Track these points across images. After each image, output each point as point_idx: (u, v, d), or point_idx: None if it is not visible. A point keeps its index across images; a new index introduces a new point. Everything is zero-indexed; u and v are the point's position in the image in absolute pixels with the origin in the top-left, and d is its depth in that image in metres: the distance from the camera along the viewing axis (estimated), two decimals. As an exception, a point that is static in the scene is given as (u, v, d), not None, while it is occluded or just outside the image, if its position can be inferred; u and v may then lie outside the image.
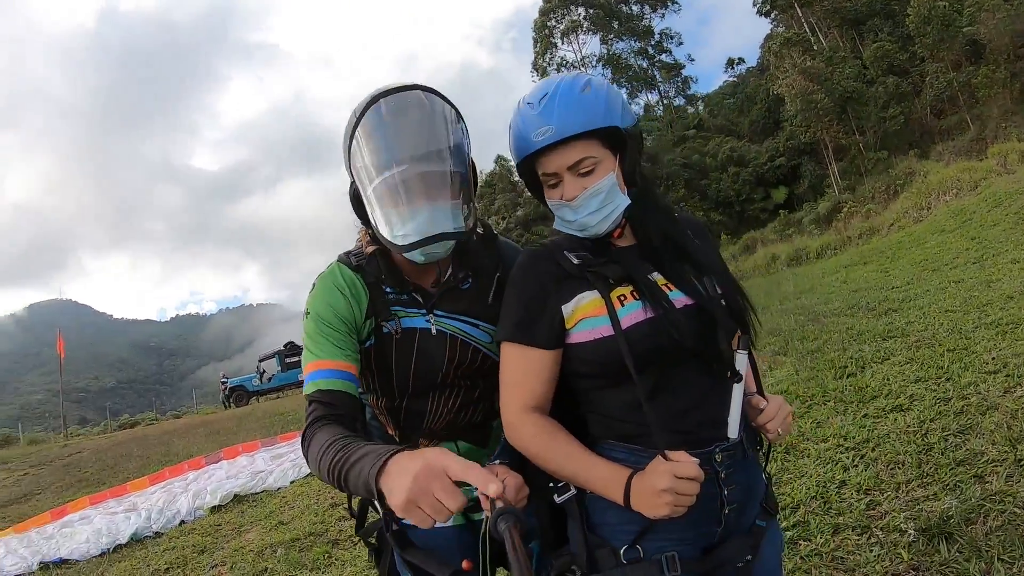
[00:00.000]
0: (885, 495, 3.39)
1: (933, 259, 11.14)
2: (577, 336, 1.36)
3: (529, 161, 1.39)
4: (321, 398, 1.41)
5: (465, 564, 1.29)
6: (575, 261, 1.39)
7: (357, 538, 4.98)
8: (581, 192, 1.34)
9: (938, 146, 31.65)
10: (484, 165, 58.49)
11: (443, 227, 1.38)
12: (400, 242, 1.39)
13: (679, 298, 1.34)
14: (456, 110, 1.47)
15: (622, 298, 1.33)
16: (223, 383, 33.52)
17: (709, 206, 39.77)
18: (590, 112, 1.32)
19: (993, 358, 4.84)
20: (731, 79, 55.52)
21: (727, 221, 39.21)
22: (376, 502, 1.34)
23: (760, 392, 1.46)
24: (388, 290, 1.56)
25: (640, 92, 52.67)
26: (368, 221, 1.50)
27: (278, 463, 8.57)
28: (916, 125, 35.09)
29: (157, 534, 6.65)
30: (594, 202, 1.34)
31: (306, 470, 7.91)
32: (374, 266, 1.56)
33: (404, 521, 1.51)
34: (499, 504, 0.96)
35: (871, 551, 2.91)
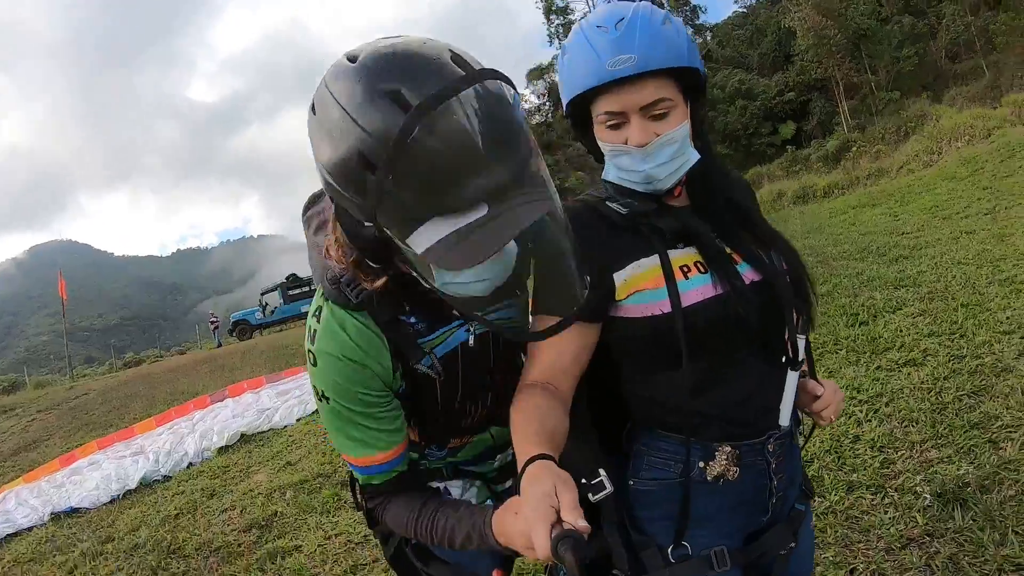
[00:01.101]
0: (899, 453, 3.42)
1: (944, 206, 11.01)
2: (628, 309, 1.20)
3: (585, 95, 1.19)
4: (382, 488, 1.29)
5: (496, 574, 1.25)
6: (622, 211, 1.23)
7: None
8: (653, 138, 1.16)
9: (951, 90, 31.08)
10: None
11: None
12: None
13: (746, 272, 1.22)
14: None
15: (685, 269, 1.19)
16: (212, 321, 33.82)
17: (716, 139, 39.30)
18: (674, 48, 1.14)
19: (1008, 317, 4.82)
20: (741, 10, 54.30)
21: (733, 155, 38.84)
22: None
23: (813, 375, 1.37)
24: (412, 320, 1.24)
25: (647, 19, 51.58)
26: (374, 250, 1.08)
27: (283, 400, 8.61)
28: (930, 67, 34.49)
29: (166, 477, 6.70)
30: (667, 151, 1.17)
31: (311, 406, 7.98)
32: (389, 301, 1.19)
33: None
34: (558, 528, 0.91)
35: (886, 512, 2.94)
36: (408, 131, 0.84)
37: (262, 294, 34.83)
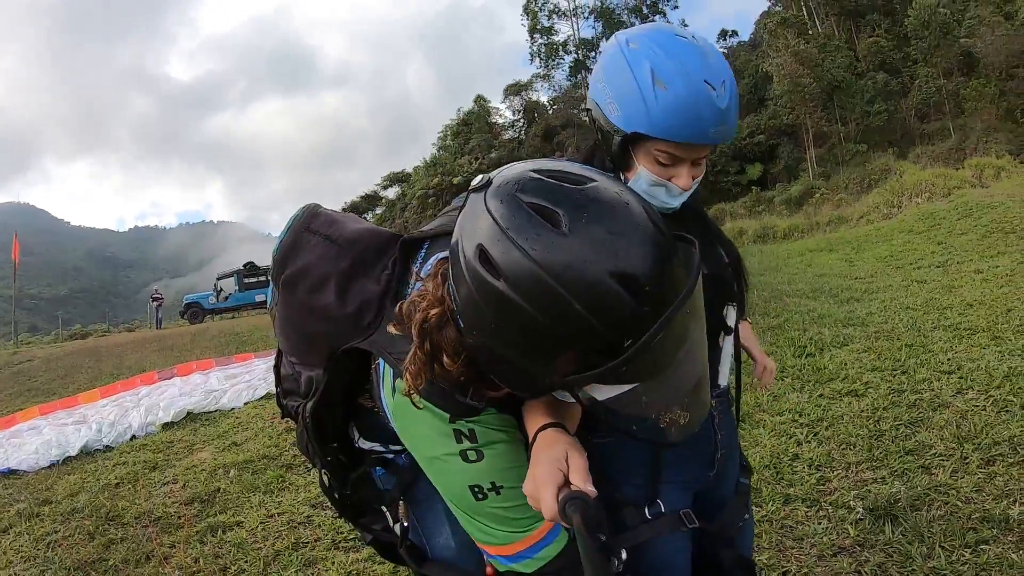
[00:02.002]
0: (835, 472, 3.55)
1: (898, 256, 11.41)
2: None
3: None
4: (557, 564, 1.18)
5: (489, 571, 1.25)
6: None
7: (311, 464, 5.05)
8: (691, 182, 1.29)
9: (917, 148, 32.11)
10: (465, 103, 57.23)
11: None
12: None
13: None
14: None
15: None
16: (155, 298, 32.99)
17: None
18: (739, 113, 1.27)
19: (949, 359, 5.02)
20: (722, 50, 55.21)
21: (699, 189, 39.28)
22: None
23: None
24: None
25: (630, 51, 52.10)
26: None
27: (232, 383, 8.50)
28: (899, 124, 35.48)
29: (107, 448, 6.58)
30: (692, 191, 1.32)
31: (261, 391, 7.94)
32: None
33: (413, 536, 1.50)
34: (566, 490, 0.94)
35: (819, 523, 3.06)
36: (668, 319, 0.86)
37: (218, 278, 34.15)
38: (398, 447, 1.44)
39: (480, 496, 1.13)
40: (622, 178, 1.32)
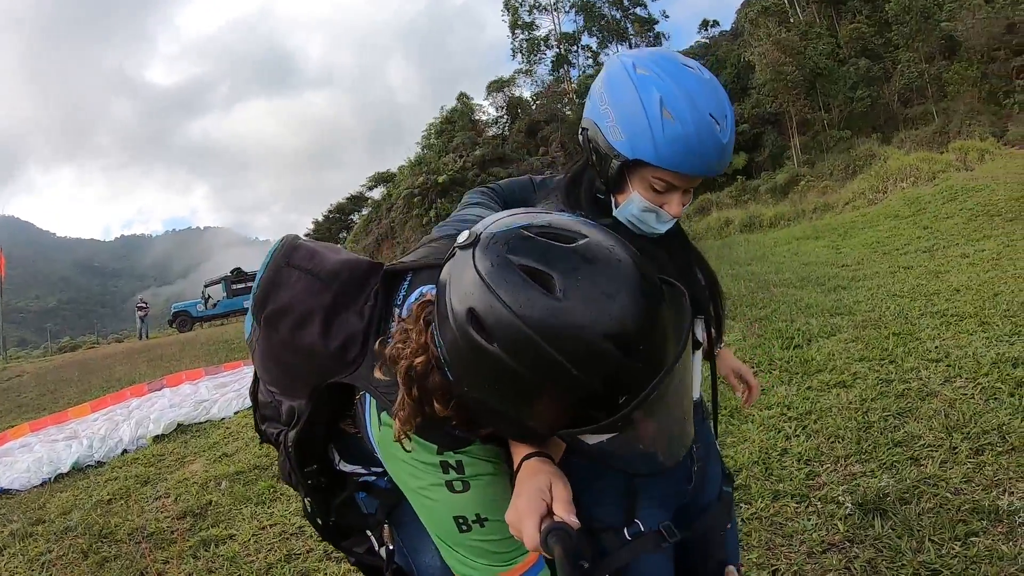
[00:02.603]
0: (824, 467, 3.54)
1: (884, 242, 11.42)
2: None
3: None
4: None
5: None
6: None
7: (294, 490, 5.01)
8: (681, 209, 1.31)
9: (901, 133, 32.13)
10: (448, 101, 57.33)
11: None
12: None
13: None
14: None
15: None
16: (140, 307, 32.23)
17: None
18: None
19: (936, 346, 5.02)
20: (704, 40, 55.14)
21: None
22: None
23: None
24: None
25: (611, 43, 51.90)
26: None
27: (222, 392, 8.46)
28: (882, 110, 35.56)
29: (99, 463, 6.52)
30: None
31: (251, 401, 7.87)
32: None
33: (399, 559, 1.49)
34: (548, 520, 0.95)
35: (809, 520, 3.04)
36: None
37: (205, 286, 34.03)
38: (379, 469, 1.42)
39: (464, 527, 1.12)
40: (613, 200, 1.35)
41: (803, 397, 4.55)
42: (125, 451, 6.78)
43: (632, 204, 1.31)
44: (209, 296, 32.96)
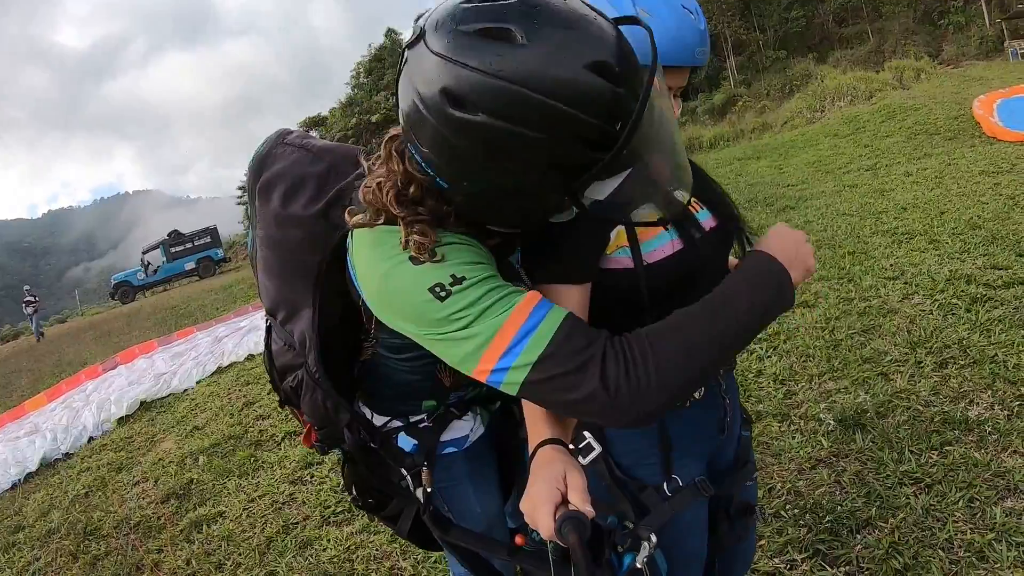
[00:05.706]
0: (800, 386, 3.70)
1: (826, 161, 11.62)
2: (614, 262, 1.21)
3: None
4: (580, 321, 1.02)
5: (519, 539, 1.21)
6: None
7: (280, 438, 4.95)
8: (677, 113, 1.29)
9: (836, 53, 32.54)
10: (376, 39, 55.24)
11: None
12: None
13: (706, 220, 1.32)
14: None
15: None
16: (28, 302, 25.66)
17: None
18: None
19: (891, 264, 5.22)
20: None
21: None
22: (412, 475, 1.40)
23: None
24: None
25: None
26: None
27: (179, 363, 8.34)
28: (817, 30, 35.86)
29: (67, 455, 6.29)
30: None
31: (211, 367, 7.79)
32: None
33: (437, 503, 1.48)
34: (563, 509, 0.95)
35: (793, 438, 3.19)
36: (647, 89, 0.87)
37: (144, 252, 33.11)
38: (416, 417, 1.46)
39: (443, 294, 0.98)
40: None
41: (769, 318, 4.68)
42: (91, 438, 6.57)
43: None
44: (149, 263, 32.17)
